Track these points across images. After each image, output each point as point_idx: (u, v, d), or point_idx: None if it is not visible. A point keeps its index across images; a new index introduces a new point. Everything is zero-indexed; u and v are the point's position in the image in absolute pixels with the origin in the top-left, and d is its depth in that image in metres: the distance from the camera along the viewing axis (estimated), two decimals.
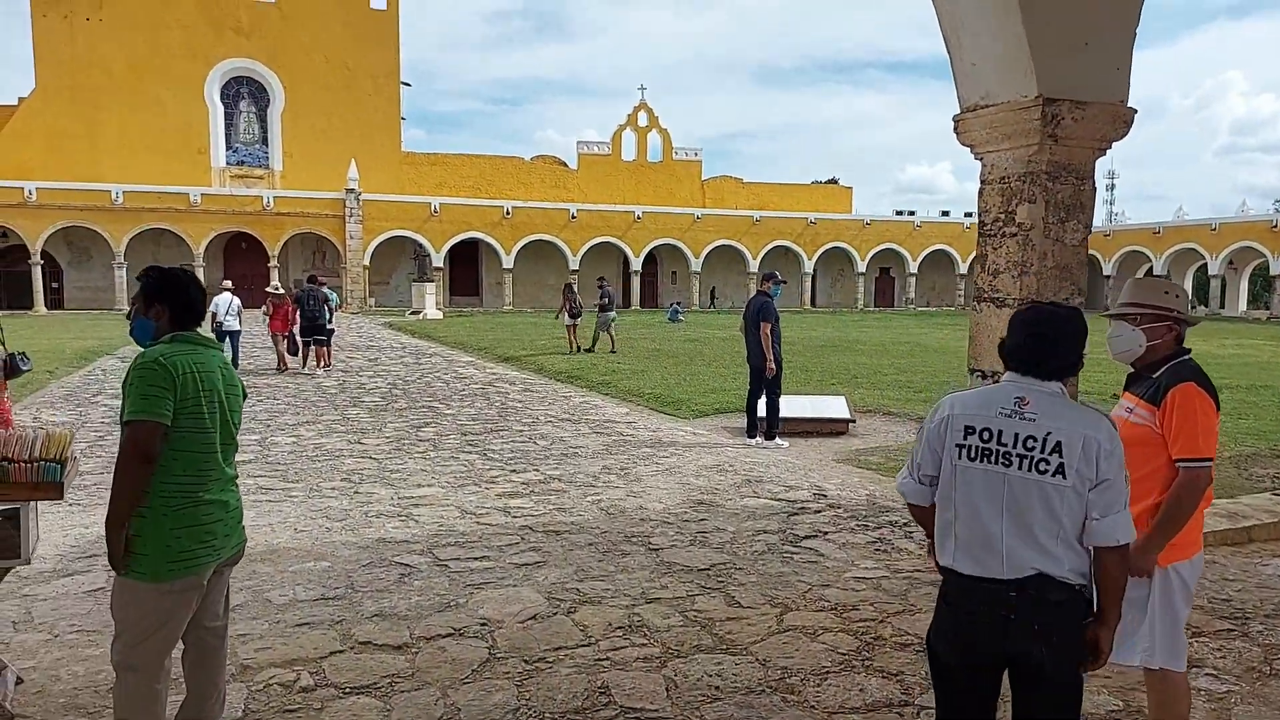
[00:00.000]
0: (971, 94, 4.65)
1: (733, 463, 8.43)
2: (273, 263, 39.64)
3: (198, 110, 44.56)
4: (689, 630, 4.30)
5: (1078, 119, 4.33)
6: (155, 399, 2.71)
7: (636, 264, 46.42)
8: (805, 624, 4.39)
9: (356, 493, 7.08)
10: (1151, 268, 46.84)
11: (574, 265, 44.31)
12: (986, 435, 2.29)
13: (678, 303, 39.59)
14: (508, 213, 44.05)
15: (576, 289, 22.81)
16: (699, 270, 47.40)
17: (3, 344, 6.66)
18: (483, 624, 4.35)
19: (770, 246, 48.36)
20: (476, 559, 5.37)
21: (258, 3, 45.25)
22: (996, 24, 4.31)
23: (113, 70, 42.74)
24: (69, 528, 5.92)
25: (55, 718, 3.40)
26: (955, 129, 4.82)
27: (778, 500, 6.97)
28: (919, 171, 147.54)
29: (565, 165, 52.80)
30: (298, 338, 16.29)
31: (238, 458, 3.10)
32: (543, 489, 7.27)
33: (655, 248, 47.00)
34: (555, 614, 4.48)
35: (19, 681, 3.59)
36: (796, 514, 6.53)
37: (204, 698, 3.04)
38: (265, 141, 46.46)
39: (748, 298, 12.00)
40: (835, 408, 10.60)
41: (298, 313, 16.11)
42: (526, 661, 3.93)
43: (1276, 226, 41.88)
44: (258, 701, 3.54)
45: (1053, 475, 2.21)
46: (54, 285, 39.77)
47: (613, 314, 20.59)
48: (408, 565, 5.24)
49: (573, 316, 20.61)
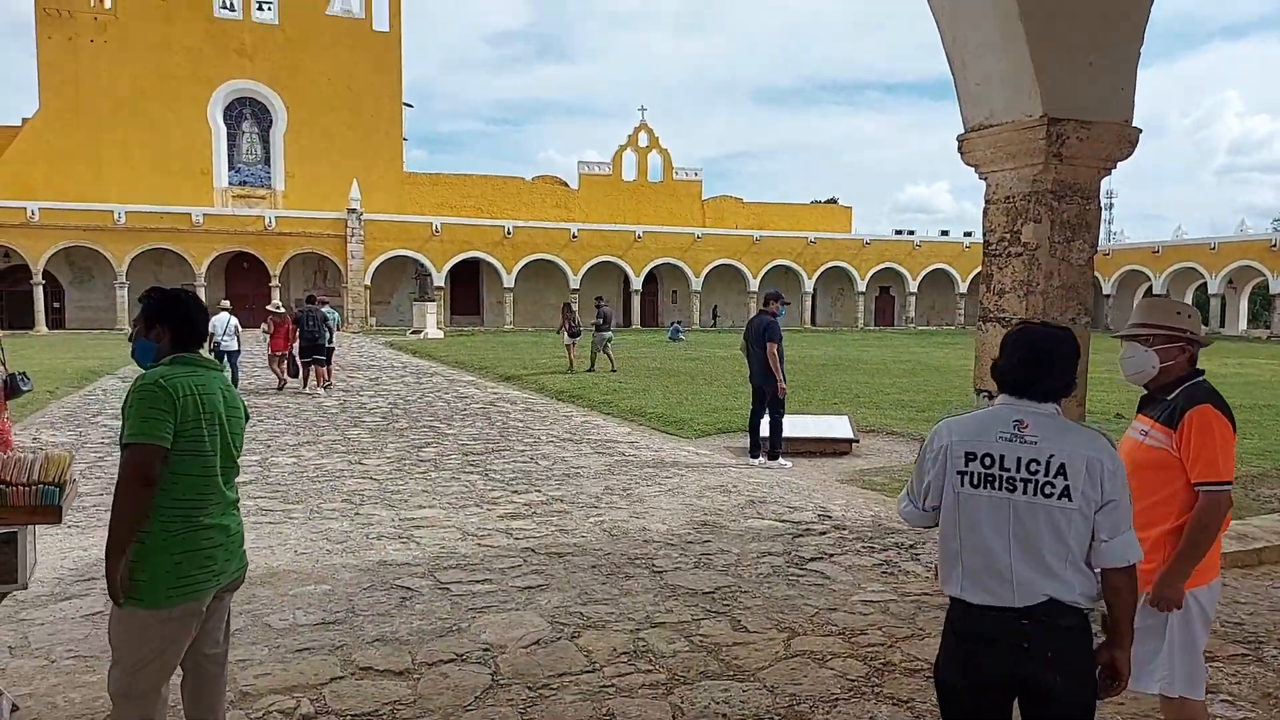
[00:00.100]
0: (976, 114, 4.65)
1: (736, 483, 8.37)
2: (274, 282, 39.71)
3: (201, 131, 44.84)
4: (695, 656, 4.23)
5: (1083, 138, 4.33)
6: (155, 421, 2.67)
7: (637, 283, 46.51)
8: (813, 649, 4.32)
9: (357, 514, 7.02)
10: (1151, 287, 46.89)
11: (575, 284, 44.40)
12: (988, 461, 2.25)
13: (678, 322, 39.63)
14: (509, 232, 44.19)
15: (576, 308, 22.85)
16: (699, 289, 47.49)
17: (3, 364, 6.64)
18: (485, 649, 4.28)
19: (770, 266, 48.47)
20: (478, 582, 5.31)
21: (261, 25, 45.65)
22: (1000, 44, 4.31)
23: (116, 92, 43.04)
24: (67, 550, 5.86)
25: None
26: (959, 148, 4.81)
27: (782, 521, 6.91)
28: (917, 191, 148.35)
29: (566, 185, 53.05)
30: (297, 358, 16.27)
31: (238, 479, 3.06)
32: (545, 510, 7.21)
33: (656, 267, 47.12)
34: (559, 639, 4.42)
35: (14, 709, 3.54)
36: (801, 535, 6.47)
37: None
38: (268, 162, 46.71)
39: (748, 317, 11.99)
40: (838, 427, 10.54)
41: (298, 332, 16.11)
42: (530, 688, 3.87)
43: (1275, 245, 41.97)
44: None
45: (1059, 498, 2.18)
46: (55, 305, 39.84)
47: (609, 333, 20.60)
48: (409, 588, 5.18)
49: (571, 335, 20.70)
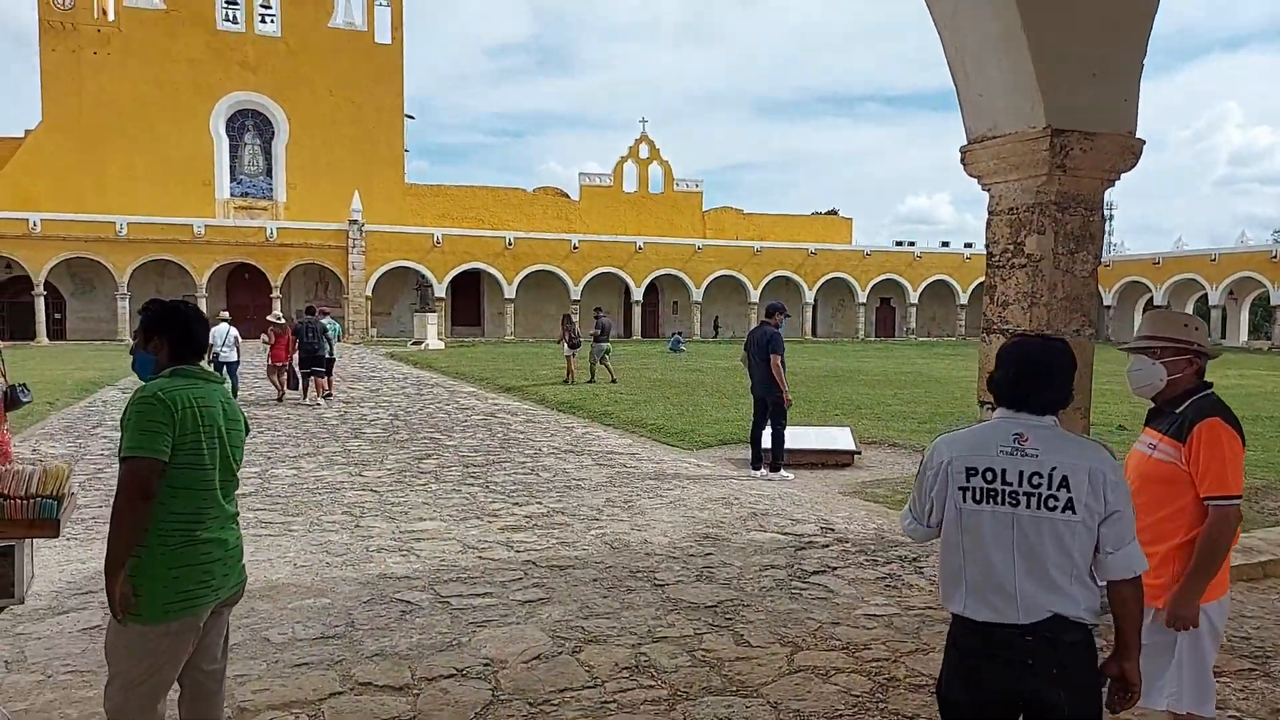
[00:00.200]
0: (979, 125, 4.64)
1: (738, 495, 8.33)
2: (275, 293, 39.72)
3: (203, 142, 44.96)
4: (697, 671, 4.19)
5: (1086, 150, 4.32)
6: (153, 435, 2.65)
7: (638, 294, 46.52)
8: (817, 664, 4.28)
9: (357, 526, 6.98)
10: (1152, 298, 46.89)
11: (575, 295, 44.40)
12: (990, 475, 2.24)
13: (679, 333, 39.61)
14: (510, 243, 44.23)
15: (577, 319, 22.88)
16: (700, 300, 47.50)
17: (4, 376, 6.62)
18: (486, 664, 4.24)
19: (771, 276, 48.48)
20: (479, 595, 5.27)
21: (264, 37, 45.86)
22: (1004, 55, 4.30)
23: (119, 104, 43.19)
24: (65, 563, 5.82)
25: None
26: (962, 160, 4.80)
27: (784, 534, 6.87)
28: (917, 203, 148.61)
29: (567, 196, 53.12)
30: (296, 370, 16.24)
31: (237, 491, 3.03)
32: (546, 522, 7.17)
33: (657, 278, 47.13)
34: (560, 654, 4.38)
35: None
36: (804, 548, 6.43)
37: None
38: (269, 173, 46.83)
39: (749, 328, 11.96)
40: (840, 439, 10.51)
41: (297, 343, 16.08)
42: (531, 704, 3.83)
43: (1276, 257, 41.96)
44: None
45: (1062, 511, 2.16)
46: (57, 316, 39.85)
47: (606, 344, 20.67)
48: (409, 602, 5.14)
49: (571, 346, 20.75)
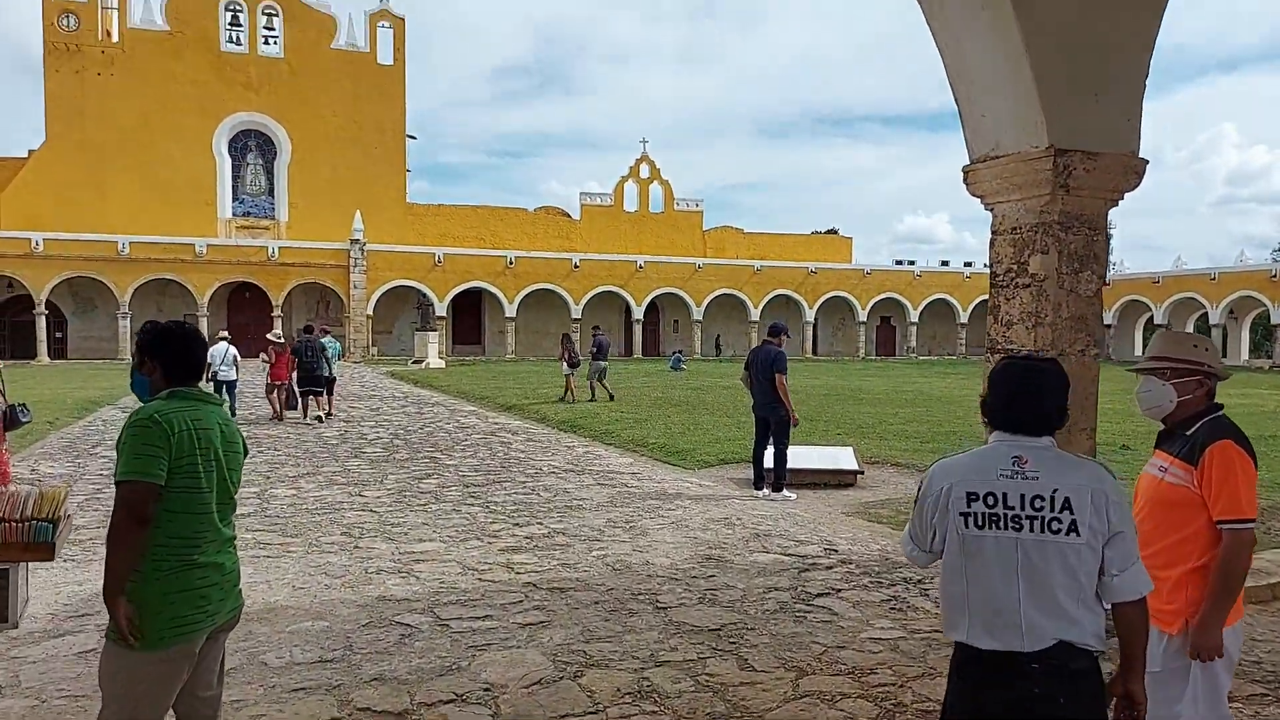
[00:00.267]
0: (981, 145, 4.64)
1: (740, 515, 8.27)
2: (276, 312, 39.80)
3: (205, 162, 45.24)
4: (701, 696, 4.13)
5: (1089, 169, 4.31)
6: (148, 458, 2.61)
7: (638, 313, 46.61)
8: (822, 689, 4.22)
9: (356, 548, 6.92)
10: (1152, 317, 46.94)
11: (576, 314, 44.48)
12: (991, 500, 2.19)
13: (679, 351, 39.62)
14: (511, 262, 44.36)
15: (577, 338, 22.92)
16: (701, 319, 47.58)
17: (3, 395, 6.60)
18: (486, 689, 4.18)
19: (771, 295, 48.58)
20: (479, 618, 5.21)
21: (267, 58, 46.21)
22: (1006, 75, 4.30)
23: (122, 124, 43.47)
24: (61, 585, 5.77)
25: None
26: (965, 179, 4.79)
27: (788, 555, 6.81)
28: (916, 222, 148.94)
29: (568, 216, 53.37)
30: (295, 389, 16.20)
31: (235, 513, 2.98)
32: (546, 543, 7.11)
33: (657, 296, 47.23)
34: (561, 678, 4.32)
35: None
36: (808, 570, 6.37)
37: None
38: (271, 193, 47.08)
39: (750, 347, 11.94)
40: (843, 459, 10.45)
41: (296, 362, 16.05)
42: None
43: (1276, 276, 42.04)
44: None
45: (1067, 534, 2.13)
46: (58, 335, 39.91)
47: (604, 363, 20.69)
48: (408, 625, 5.08)
49: (571, 365, 20.76)
